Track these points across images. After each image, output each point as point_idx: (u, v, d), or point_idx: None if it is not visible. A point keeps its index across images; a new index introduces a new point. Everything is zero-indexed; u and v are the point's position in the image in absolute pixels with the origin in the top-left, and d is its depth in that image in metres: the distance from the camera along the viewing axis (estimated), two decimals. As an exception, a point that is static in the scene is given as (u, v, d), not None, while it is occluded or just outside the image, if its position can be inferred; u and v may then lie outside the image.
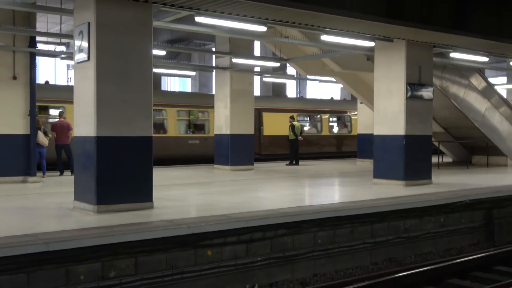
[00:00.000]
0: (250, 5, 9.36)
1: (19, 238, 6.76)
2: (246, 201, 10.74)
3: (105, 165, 9.00)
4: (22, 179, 13.70)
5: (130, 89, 9.19)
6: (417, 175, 13.37)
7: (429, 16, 11.63)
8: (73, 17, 9.62)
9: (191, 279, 7.64)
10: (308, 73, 20.36)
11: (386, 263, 9.77)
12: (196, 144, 24.10)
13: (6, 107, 13.53)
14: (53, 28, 26.13)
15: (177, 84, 42.81)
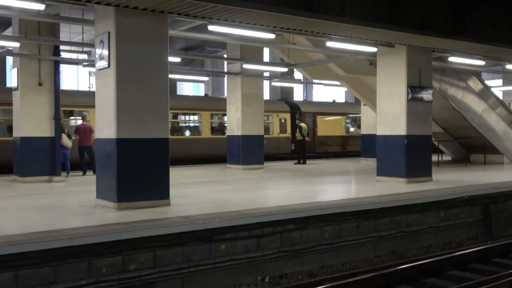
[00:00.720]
0: (259, 14, 9.36)
1: (45, 234, 6.80)
2: (257, 198, 10.74)
3: (125, 165, 9.03)
4: (47, 179, 13.77)
5: (147, 94, 9.22)
6: (418, 173, 13.32)
7: (427, 23, 11.59)
8: (94, 27, 9.65)
9: (206, 272, 7.65)
10: (314, 77, 20.30)
11: (389, 256, 9.74)
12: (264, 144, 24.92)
13: (33, 112, 13.61)
14: (76, 38, 26.27)
15: (191, 89, 42.88)
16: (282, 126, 26.15)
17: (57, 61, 14.01)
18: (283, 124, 26.25)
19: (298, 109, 27.02)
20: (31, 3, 8.86)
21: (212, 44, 28.96)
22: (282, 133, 25.96)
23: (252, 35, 11.36)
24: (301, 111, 26.98)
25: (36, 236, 6.64)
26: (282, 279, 8.25)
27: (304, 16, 9.70)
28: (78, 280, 6.60)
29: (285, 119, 26.33)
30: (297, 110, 26.89)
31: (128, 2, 8.53)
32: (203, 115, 23.66)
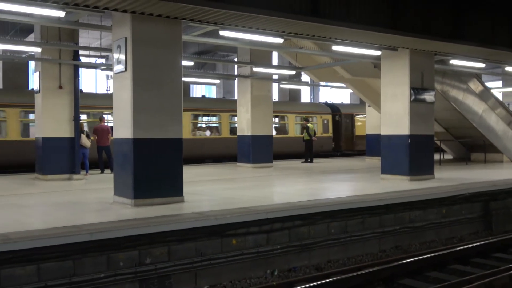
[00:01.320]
0: (268, 20, 9.37)
1: (66, 229, 6.84)
2: (266, 195, 10.74)
3: (141, 164, 9.06)
4: (67, 177, 13.84)
5: (162, 96, 9.25)
6: (420, 171, 13.26)
7: (429, 27, 11.56)
8: (112, 33, 9.70)
9: (218, 265, 7.66)
10: (321, 80, 20.28)
11: (393, 250, 9.70)
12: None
13: (54, 113, 13.69)
14: (94, 43, 26.36)
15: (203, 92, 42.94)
16: (324, 126, 27.24)
17: (76, 65, 14.08)
18: (326, 125, 27.37)
19: (338, 111, 28.20)
20: (52, 11, 8.91)
21: (223, 48, 28.99)
22: (325, 133, 26.90)
23: (262, 39, 11.36)
24: (341, 112, 28.15)
25: (58, 231, 6.69)
26: (291, 272, 8.24)
27: (311, 21, 9.71)
28: (97, 273, 6.64)
29: (327, 120, 27.45)
30: (338, 112, 28.08)
31: (143, 9, 8.56)
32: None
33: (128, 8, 8.50)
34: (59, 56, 13.72)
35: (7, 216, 8.07)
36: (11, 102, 18.21)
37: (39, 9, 8.90)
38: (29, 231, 6.73)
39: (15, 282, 6.07)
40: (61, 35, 13.47)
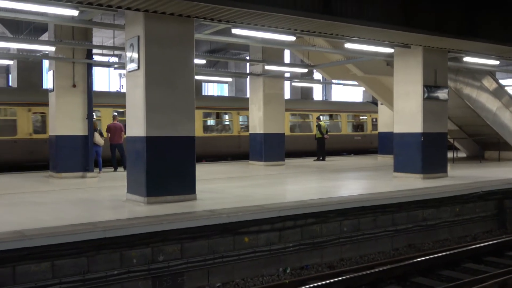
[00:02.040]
0: (281, 17, 9.35)
1: (80, 226, 6.90)
2: (278, 193, 10.74)
3: (154, 162, 9.10)
4: (81, 175, 13.95)
5: (175, 94, 9.28)
6: (433, 169, 13.18)
7: (442, 24, 11.46)
8: (125, 32, 9.74)
9: (231, 263, 7.68)
10: (333, 77, 20.21)
11: (406, 249, 9.66)
12: (359, 139, 27.33)
13: (67, 112, 13.79)
14: (107, 42, 26.50)
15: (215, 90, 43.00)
16: (374, 124, 27.76)
17: (90, 63, 14.18)
18: (375, 123, 27.78)
19: None
20: (66, 10, 8.98)
21: (235, 46, 28.98)
22: (373, 130, 27.35)
23: (274, 37, 11.35)
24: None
25: (72, 228, 6.74)
26: (303, 270, 8.24)
27: (323, 19, 9.67)
28: (111, 270, 6.68)
29: (376, 119, 27.64)
30: None
31: (156, 7, 8.59)
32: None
33: (141, 6, 8.54)
34: (73, 55, 13.82)
35: (22, 213, 8.15)
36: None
37: (53, 8, 8.97)
38: (43, 228, 6.78)
39: (30, 278, 6.14)
40: (75, 34, 13.57)
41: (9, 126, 18.04)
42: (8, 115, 18.24)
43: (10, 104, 17.98)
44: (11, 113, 18.12)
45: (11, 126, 18.00)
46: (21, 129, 17.91)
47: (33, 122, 18.26)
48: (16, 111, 17.97)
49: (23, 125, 17.98)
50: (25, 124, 17.98)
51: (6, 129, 17.84)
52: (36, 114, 18.33)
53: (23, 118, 17.98)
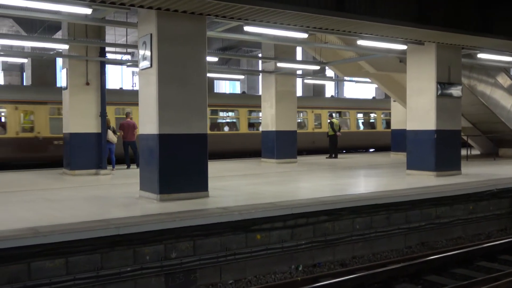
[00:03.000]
0: (293, 15, 9.33)
1: (94, 223, 6.94)
2: (290, 190, 10.73)
3: (166, 159, 9.13)
4: (94, 172, 14.05)
5: (187, 92, 9.30)
6: (447, 167, 13.09)
7: (456, 21, 11.36)
8: (137, 30, 9.78)
9: (243, 260, 7.69)
10: (345, 74, 20.11)
11: (419, 247, 9.61)
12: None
13: (81, 109, 13.89)
14: (120, 40, 26.64)
15: (227, 87, 43.03)
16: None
17: (103, 61, 14.26)
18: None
19: None
20: (79, 8, 9.03)
21: (247, 44, 28.99)
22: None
23: (286, 35, 11.33)
24: None
25: (86, 225, 6.79)
26: (315, 267, 8.23)
27: (336, 16, 9.63)
28: (124, 267, 6.72)
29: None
30: None
31: (169, 5, 8.61)
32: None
33: (154, 4, 8.56)
34: (86, 53, 13.91)
35: (37, 210, 8.23)
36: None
37: (67, 7, 9.03)
38: (58, 224, 6.84)
39: (44, 274, 6.19)
40: (88, 32, 13.65)
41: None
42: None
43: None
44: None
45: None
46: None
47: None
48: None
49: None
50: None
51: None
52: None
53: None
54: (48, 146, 18.22)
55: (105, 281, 6.57)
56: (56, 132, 17.42)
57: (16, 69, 29.38)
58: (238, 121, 23.74)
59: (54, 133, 17.85)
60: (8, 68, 28.59)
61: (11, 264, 6.00)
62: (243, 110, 23.47)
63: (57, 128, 17.19)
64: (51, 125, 18.32)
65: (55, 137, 17.95)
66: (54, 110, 18.64)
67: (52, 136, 18.17)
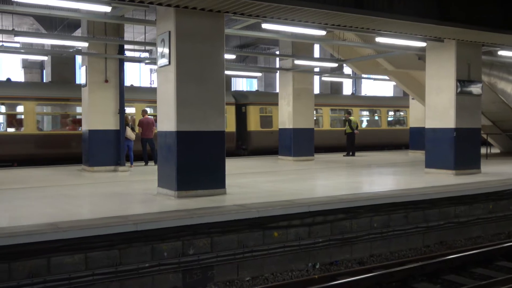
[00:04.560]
0: (311, 12, 9.29)
1: (112, 219, 7.00)
2: (308, 188, 10.70)
3: (184, 156, 9.17)
4: (113, 169, 14.16)
5: (205, 89, 9.32)
6: (466, 165, 12.94)
7: (477, 18, 11.19)
8: (156, 27, 9.82)
9: (260, 257, 7.69)
10: (363, 72, 19.99)
11: (437, 246, 9.52)
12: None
13: (100, 107, 14.01)
14: (139, 37, 26.75)
15: (245, 85, 43.04)
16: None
17: (121, 59, 14.35)
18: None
19: None
20: (98, 6, 9.11)
21: (265, 41, 28.93)
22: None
23: (304, 32, 11.29)
24: None
25: (105, 221, 6.85)
26: (332, 265, 8.20)
27: (354, 13, 9.56)
28: (142, 263, 6.77)
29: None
30: None
31: (187, 2, 8.63)
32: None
33: (172, 2, 8.59)
34: (105, 51, 14.01)
35: (57, 206, 8.32)
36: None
37: (87, 5, 9.12)
38: (77, 220, 6.92)
39: (64, 270, 6.26)
40: (107, 30, 13.75)
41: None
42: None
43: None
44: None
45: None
46: None
47: None
48: None
49: None
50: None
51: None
52: None
53: None
54: None
55: (123, 277, 6.62)
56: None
57: (36, 67, 29.68)
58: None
59: None
60: (29, 66, 28.89)
61: (32, 259, 6.08)
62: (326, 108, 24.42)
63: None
64: None
65: None
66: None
67: None
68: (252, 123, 22.16)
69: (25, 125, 17.64)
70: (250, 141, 22.31)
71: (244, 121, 22.34)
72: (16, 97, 17.65)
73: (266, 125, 22.46)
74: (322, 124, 24.40)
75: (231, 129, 21.20)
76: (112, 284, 6.56)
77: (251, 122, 22.13)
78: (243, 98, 22.71)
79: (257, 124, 22.29)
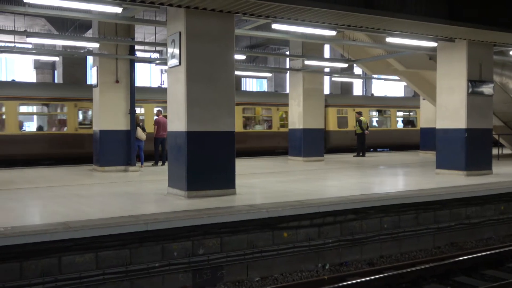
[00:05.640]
0: (321, 12, 9.27)
1: (123, 219, 7.04)
2: (318, 188, 10.68)
3: (194, 156, 9.19)
4: (124, 169, 14.24)
5: (215, 90, 9.34)
6: (478, 166, 12.86)
7: (488, 17, 11.11)
8: (166, 28, 9.86)
9: (270, 258, 7.69)
10: (373, 72, 19.92)
11: (448, 247, 9.46)
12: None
13: (111, 107, 14.09)
14: (149, 38, 26.86)
15: (254, 85, 43.04)
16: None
17: (132, 60, 14.42)
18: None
19: None
20: (109, 7, 9.15)
21: (275, 41, 28.92)
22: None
23: (314, 32, 11.27)
24: None
25: (115, 221, 6.89)
26: (342, 266, 8.18)
27: (365, 13, 9.54)
28: (152, 262, 6.80)
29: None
30: None
31: (197, 3, 8.65)
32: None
33: (182, 3, 8.62)
34: (116, 51, 14.09)
35: (68, 206, 8.38)
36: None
37: (98, 6, 9.16)
38: (88, 220, 6.96)
39: (74, 269, 6.31)
40: (118, 31, 13.84)
41: None
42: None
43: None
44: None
45: None
46: None
47: None
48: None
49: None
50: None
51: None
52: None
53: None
54: None
55: (134, 276, 6.66)
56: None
57: (47, 67, 29.90)
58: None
59: None
60: (40, 66, 29.11)
61: (43, 258, 6.13)
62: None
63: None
64: None
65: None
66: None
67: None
68: (331, 123, 23.82)
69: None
70: (329, 140, 23.78)
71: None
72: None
73: (342, 125, 24.30)
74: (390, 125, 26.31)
75: None
76: (123, 284, 6.60)
77: (330, 123, 23.71)
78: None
79: (335, 124, 24.03)
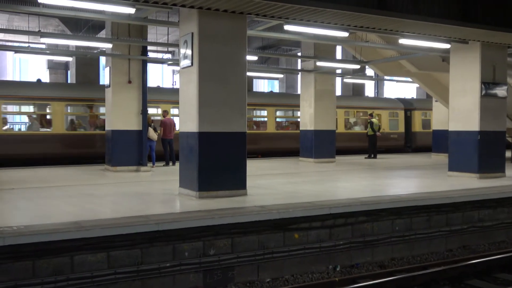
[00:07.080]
0: (334, 13, 9.25)
1: (134, 219, 7.06)
2: (329, 190, 10.65)
3: (206, 157, 9.20)
4: (135, 169, 14.28)
5: (227, 90, 9.35)
6: (490, 169, 12.75)
7: (502, 19, 11.01)
8: (179, 29, 9.89)
9: (280, 259, 7.68)
10: (386, 74, 19.81)
11: (460, 250, 9.39)
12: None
13: (123, 107, 14.15)
14: (161, 39, 26.95)
15: (266, 86, 43.02)
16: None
17: (144, 60, 14.48)
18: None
19: None
20: (123, 8, 9.20)
21: (286, 43, 28.89)
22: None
23: (326, 33, 11.24)
24: None
25: (127, 221, 6.91)
26: (353, 268, 8.14)
27: (377, 14, 9.49)
28: (163, 262, 6.81)
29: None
30: None
31: (210, 4, 8.67)
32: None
33: (195, 4, 8.64)
34: (129, 52, 14.16)
35: (80, 205, 8.43)
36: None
37: (111, 6, 9.22)
38: (100, 219, 6.99)
39: (86, 268, 6.34)
40: (131, 31, 13.90)
41: None
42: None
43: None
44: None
45: None
46: None
47: None
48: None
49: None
50: None
51: None
52: None
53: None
54: None
55: (145, 276, 6.68)
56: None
57: (61, 68, 30.15)
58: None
59: None
60: (54, 67, 29.37)
61: (56, 257, 6.17)
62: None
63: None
64: None
65: None
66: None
67: None
68: (416, 125, 26.26)
69: None
70: (414, 140, 26.28)
71: (409, 124, 26.34)
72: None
73: (426, 127, 25.96)
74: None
75: (401, 130, 25.93)
76: (134, 283, 6.62)
77: (415, 124, 26.19)
78: (409, 104, 26.74)
79: (420, 126, 26.29)
